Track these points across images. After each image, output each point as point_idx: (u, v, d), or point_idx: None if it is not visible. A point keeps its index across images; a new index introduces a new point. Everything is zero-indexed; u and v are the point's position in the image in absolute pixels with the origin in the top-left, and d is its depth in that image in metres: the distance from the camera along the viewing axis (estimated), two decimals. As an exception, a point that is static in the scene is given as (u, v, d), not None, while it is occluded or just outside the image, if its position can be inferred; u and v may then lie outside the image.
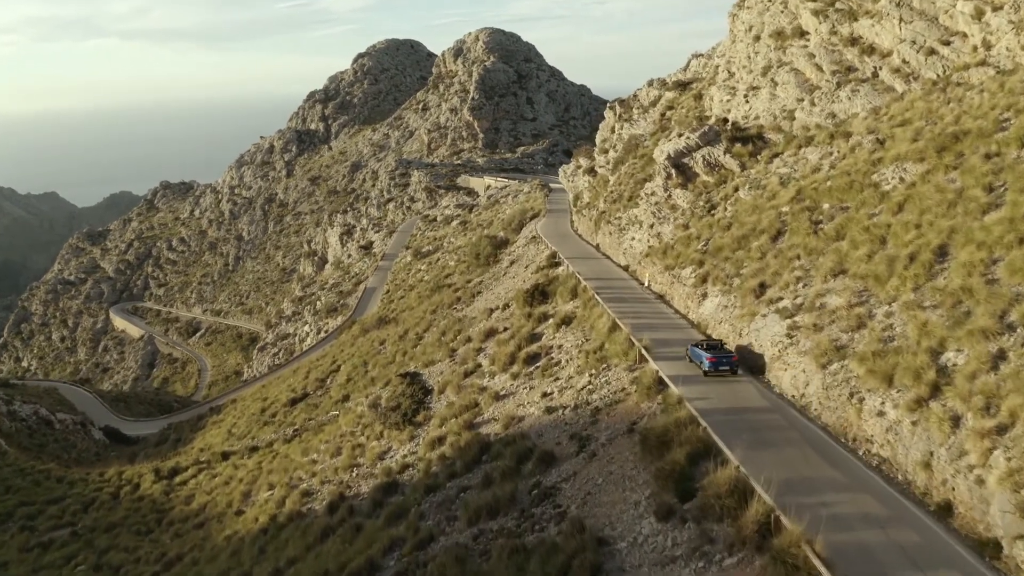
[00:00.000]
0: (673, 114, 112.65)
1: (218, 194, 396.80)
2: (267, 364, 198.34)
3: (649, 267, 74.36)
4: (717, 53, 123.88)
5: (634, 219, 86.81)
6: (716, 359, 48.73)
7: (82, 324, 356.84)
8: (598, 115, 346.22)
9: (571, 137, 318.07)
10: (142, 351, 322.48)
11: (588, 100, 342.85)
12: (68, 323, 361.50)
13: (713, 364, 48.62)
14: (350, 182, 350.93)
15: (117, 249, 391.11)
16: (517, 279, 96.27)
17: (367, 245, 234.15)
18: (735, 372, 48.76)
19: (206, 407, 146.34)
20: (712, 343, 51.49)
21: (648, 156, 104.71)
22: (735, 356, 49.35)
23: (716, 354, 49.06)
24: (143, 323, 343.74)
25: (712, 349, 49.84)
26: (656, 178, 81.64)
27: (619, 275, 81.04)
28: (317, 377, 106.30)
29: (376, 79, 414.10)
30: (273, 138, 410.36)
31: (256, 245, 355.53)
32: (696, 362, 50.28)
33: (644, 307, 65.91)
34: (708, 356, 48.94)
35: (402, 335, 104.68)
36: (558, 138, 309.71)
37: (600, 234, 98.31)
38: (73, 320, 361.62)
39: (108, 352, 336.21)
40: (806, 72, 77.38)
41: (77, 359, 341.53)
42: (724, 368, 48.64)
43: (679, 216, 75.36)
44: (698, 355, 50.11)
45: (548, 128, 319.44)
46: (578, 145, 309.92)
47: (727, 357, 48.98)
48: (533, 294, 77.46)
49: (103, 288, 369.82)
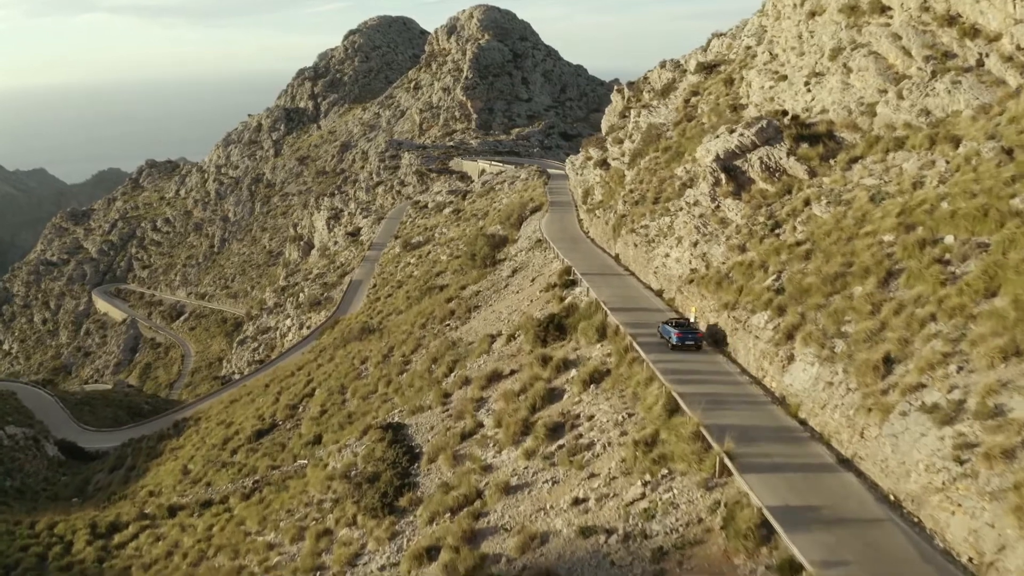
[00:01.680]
0: (699, 101, 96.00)
1: (204, 173, 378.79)
2: (246, 359, 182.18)
3: (695, 298, 57.88)
4: (745, 32, 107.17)
5: (667, 230, 70.25)
6: (682, 334, 51.74)
7: (64, 306, 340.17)
8: (595, 96, 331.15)
9: (567, 119, 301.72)
10: (124, 335, 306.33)
11: (585, 81, 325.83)
12: (50, 305, 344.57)
13: (680, 339, 51.57)
14: (339, 162, 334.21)
15: (101, 229, 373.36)
16: (522, 295, 79.63)
17: (354, 232, 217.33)
18: (699, 348, 51.70)
19: (173, 416, 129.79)
20: (681, 321, 54.77)
21: (674, 150, 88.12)
22: (701, 332, 52.64)
23: (680, 331, 52.00)
24: (126, 306, 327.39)
25: (680, 326, 52.84)
26: (700, 183, 64.82)
27: (653, 303, 64.26)
28: (288, 403, 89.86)
29: (367, 57, 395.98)
30: (261, 116, 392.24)
31: (242, 227, 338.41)
32: (665, 337, 52.96)
33: (702, 363, 49.31)
34: (676, 332, 51.98)
35: (386, 354, 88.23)
36: (554, 120, 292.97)
37: (620, 243, 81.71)
38: (55, 302, 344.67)
39: (90, 336, 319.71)
40: (889, 57, 60.56)
41: (59, 342, 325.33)
42: (690, 343, 51.57)
43: (732, 234, 58.70)
44: (667, 331, 52.92)
45: (544, 109, 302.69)
46: (575, 127, 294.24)
47: (691, 334, 52.03)
48: (547, 327, 60.70)
49: (86, 269, 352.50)
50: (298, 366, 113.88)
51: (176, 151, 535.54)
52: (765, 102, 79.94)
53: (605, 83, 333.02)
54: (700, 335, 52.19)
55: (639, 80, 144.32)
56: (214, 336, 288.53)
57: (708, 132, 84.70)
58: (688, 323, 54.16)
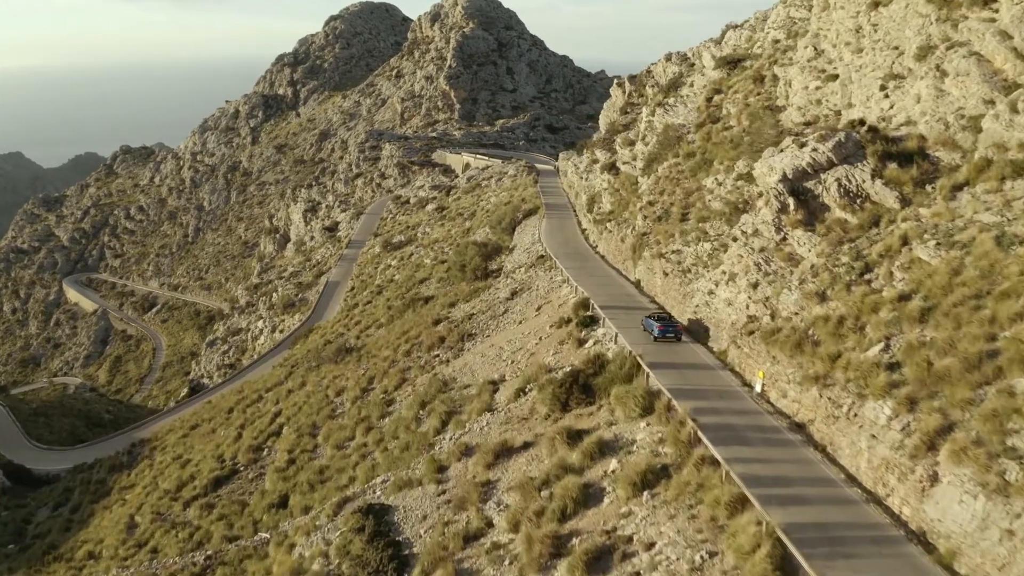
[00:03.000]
0: (724, 100, 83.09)
1: (180, 160, 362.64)
2: (216, 363, 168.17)
3: (761, 358, 44.96)
4: (770, 24, 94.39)
5: (708, 259, 57.33)
6: (663, 328, 53.97)
7: (34, 295, 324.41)
8: (581, 88, 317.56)
9: (552, 111, 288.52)
10: (95, 326, 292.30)
11: (571, 72, 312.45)
12: (20, 294, 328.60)
13: (661, 331, 53.85)
14: (318, 151, 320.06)
15: (73, 216, 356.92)
16: (528, 328, 66.34)
17: (332, 227, 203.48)
18: (679, 339, 53.92)
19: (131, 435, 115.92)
20: (662, 315, 57.61)
21: (700, 157, 75.27)
22: (680, 326, 55.32)
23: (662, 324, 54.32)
24: (97, 296, 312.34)
25: (661, 320, 55.34)
26: (761, 208, 51.62)
27: (701, 357, 50.93)
28: (252, 441, 76.40)
29: (348, 43, 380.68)
30: (239, 103, 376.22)
31: (217, 216, 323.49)
32: (648, 330, 55.09)
33: (792, 464, 36.06)
34: (658, 325, 54.28)
35: (365, 387, 74.93)
36: (540, 112, 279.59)
37: (643, 267, 68.59)
38: (25, 291, 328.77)
39: (60, 326, 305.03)
40: (996, 60, 47.59)
41: (28, 332, 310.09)
42: (670, 335, 53.84)
43: (807, 276, 45.60)
44: (649, 324, 55.16)
45: (528, 100, 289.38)
46: (561, 120, 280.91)
47: (672, 327, 54.42)
48: (570, 388, 47.62)
49: (57, 258, 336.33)
50: (266, 387, 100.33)
51: (155, 136, 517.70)
52: (810, 105, 67.21)
53: (591, 75, 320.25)
54: (680, 328, 55.18)
55: (641, 74, 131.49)
56: (186, 329, 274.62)
57: (743, 139, 72.03)
58: (668, 317, 57.55)
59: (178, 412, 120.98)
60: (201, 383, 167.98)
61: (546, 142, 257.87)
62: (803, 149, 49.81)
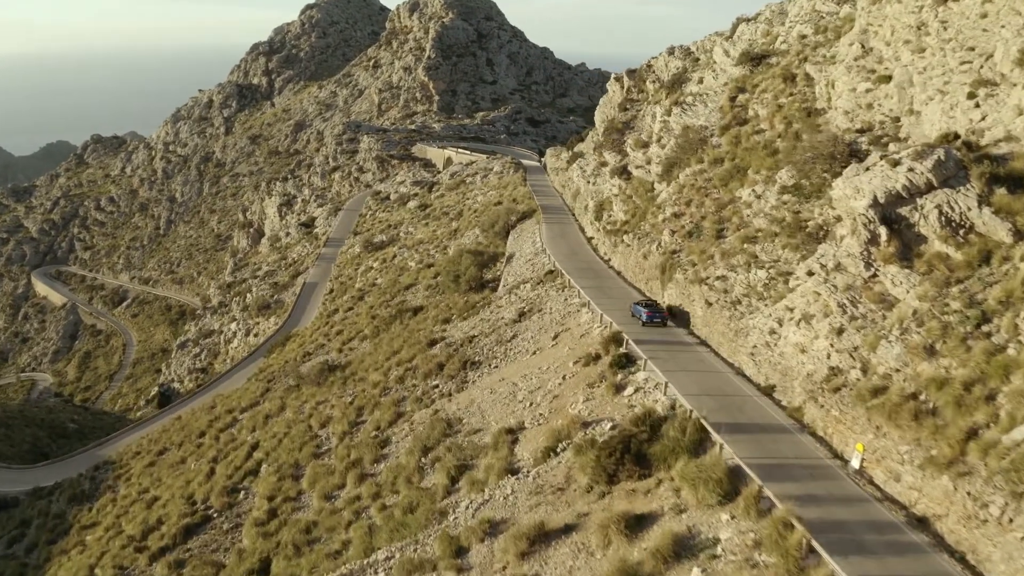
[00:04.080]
0: (750, 100, 74.43)
1: (152, 150, 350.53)
2: (187, 366, 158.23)
3: (858, 425, 36.26)
4: (792, 18, 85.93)
5: (764, 291, 48.57)
6: (650, 314, 57.78)
7: (2, 288, 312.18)
8: (562, 81, 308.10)
9: (533, 103, 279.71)
10: (64, 321, 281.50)
11: (551, 64, 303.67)
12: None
13: (649, 317, 57.59)
14: (293, 142, 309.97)
15: (42, 207, 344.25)
16: (545, 362, 57.12)
17: (308, 223, 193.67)
18: (665, 324, 57.55)
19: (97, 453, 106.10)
20: (649, 302, 60.78)
21: (731, 164, 66.65)
22: (666, 312, 58.63)
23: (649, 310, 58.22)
24: (67, 289, 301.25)
25: (649, 306, 58.97)
26: (846, 237, 42.56)
27: (773, 416, 41.40)
28: (226, 481, 66.93)
29: (324, 32, 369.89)
30: (212, 92, 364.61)
31: (190, 208, 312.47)
32: (636, 316, 58.74)
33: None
34: (646, 311, 58.04)
35: (354, 420, 65.63)
36: (520, 104, 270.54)
37: (674, 290, 59.49)
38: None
39: (28, 320, 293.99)
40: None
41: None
42: (657, 320, 57.46)
43: (909, 324, 36.79)
44: (638, 311, 58.95)
45: (509, 93, 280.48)
46: (542, 113, 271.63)
47: (658, 313, 58.09)
48: (620, 457, 38.89)
49: (25, 250, 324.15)
50: (241, 405, 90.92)
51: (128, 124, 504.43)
52: (859, 109, 58.78)
53: (572, 67, 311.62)
54: (665, 314, 58.44)
55: (641, 68, 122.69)
56: (157, 325, 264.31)
57: (779, 144, 63.51)
58: (655, 304, 60.36)
59: (145, 427, 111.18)
60: (171, 387, 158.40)
61: (527, 135, 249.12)
62: (896, 168, 41.06)
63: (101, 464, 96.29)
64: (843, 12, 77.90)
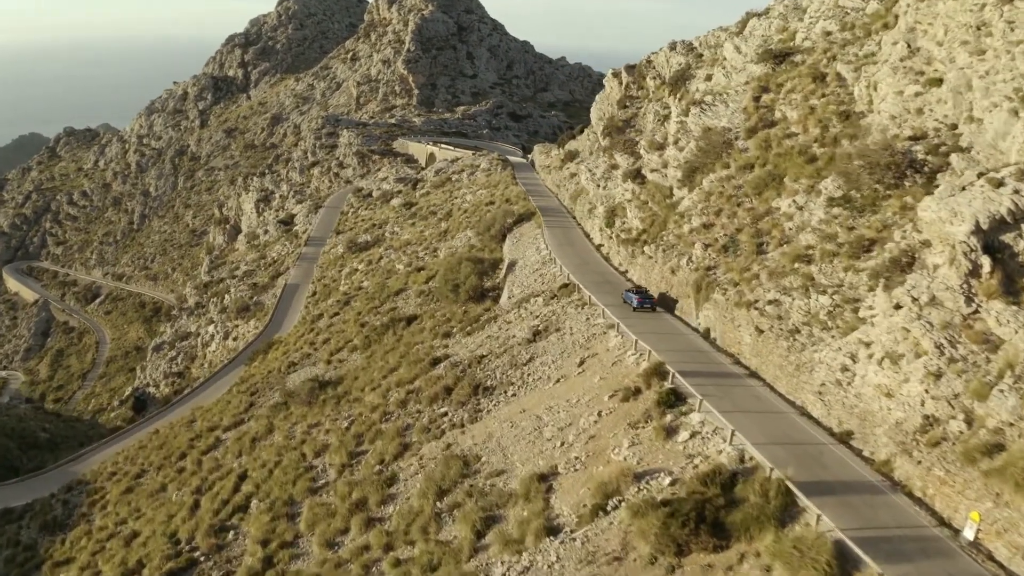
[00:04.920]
0: (776, 100, 67.96)
1: (125, 143, 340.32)
2: (162, 370, 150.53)
3: (972, 490, 30.00)
4: (812, 12, 79.56)
5: (829, 319, 42.11)
6: (641, 300, 60.99)
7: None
8: (543, 75, 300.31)
9: (514, 97, 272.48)
10: (36, 318, 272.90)
11: (532, 58, 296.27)
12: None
13: (639, 303, 60.71)
14: (269, 136, 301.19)
15: (14, 201, 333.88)
16: (572, 391, 49.99)
17: (287, 220, 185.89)
18: (654, 309, 60.85)
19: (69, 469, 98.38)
20: (639, 289, 63.90)
21: (764, 170, 60.24)
22: (655, 299, 61.90)
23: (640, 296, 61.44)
24: (38, 286, 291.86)
25: (639, 293, 62.18)
26: (941, 266, 36.04)
27: (854, 472, 34.67)
28: (212, 517, 59.60)
29: (301, 24, 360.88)
30: (187, 84, 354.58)
31: (164, 202, 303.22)
32: (627, 302, 61.77)
33: None
34: (636, 297, 61.27)
35: (353, 450, 58.69)
36: (502, 99, 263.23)
37: (712, 312, 52.54)
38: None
39: (0, 317, 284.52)
40: None
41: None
42: (647, 306, 60.79)
43: (1020, 371, 31.00)
44: (629, 297, 62.07)
45: (489, 87, 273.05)
46: (524, 108, 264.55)
47: (648, 299, 61.40)
48: (695, 527, 32.43)
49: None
50: (223, 422, 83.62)
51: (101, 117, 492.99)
52: (907, 114, 52.44)
53: (552, 61, 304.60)
54: (654, 300, 61.54)
55: (640, 63, 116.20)
56: (131, 322, 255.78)
57: (815, 150, 57.22)
58: (646, 291, 63.15)
59: (120, 441, 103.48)
60: (146, 392, 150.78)
61: (509, 131, 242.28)
62: (1000, 190, 34.68)
63: (75, 484, 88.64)
64: (870, 8, 71.64)
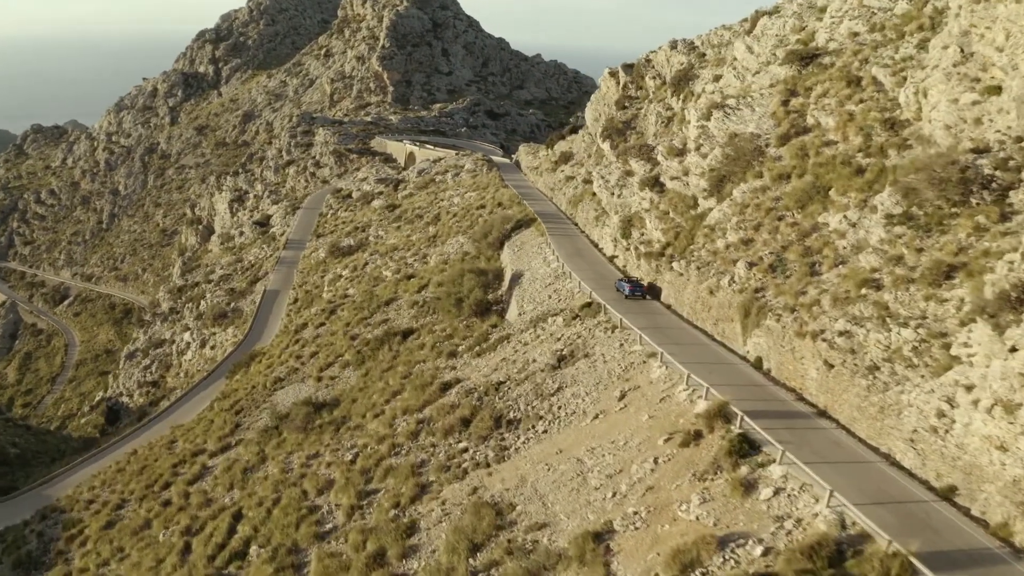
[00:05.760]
0: (808, 106, 62.55)
1: (94, 141, 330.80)
2: (136, 379, 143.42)
3: None
4: (835, 11, 74.27)
5: (914, 355, 36.84)
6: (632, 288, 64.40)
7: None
8: (518, 72, 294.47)
9: (490, 95, 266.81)
10: (3, 320, 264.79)
11: (508, 55, 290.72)
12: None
13: (631, 291, 64.03)
14: (241, 133, 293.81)
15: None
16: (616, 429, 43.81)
17: (264, 221, 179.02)
18: (644, 296, 63.83)
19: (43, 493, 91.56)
20: (631, 279, 67.01)
21: (806, 183, 54.70)
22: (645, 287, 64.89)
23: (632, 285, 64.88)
24: (6, 287, 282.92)
25: (630, 282, 65.54)
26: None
27: (972, 539, 28.78)
28: (206, 567, 53.58)
29: (273, 19, 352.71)
30: (157, 80, 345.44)
31: (134, 201, 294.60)
32: (620, 291, 65.23)
33: None
34: (628, 286, 64.86)
35: (362, 489, 52.37)
36: (479, 96, 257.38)
37: (763, 340, 46.31)
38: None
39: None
40: None
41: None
42: (638, 294, 63.95)
43: None
44: (621, 286, 65.57)
45: (465, 84, 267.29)
46: (501, 106, 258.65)
47: (639, 287, 64.61)
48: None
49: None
50: (209, 446, 77.23)
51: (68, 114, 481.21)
52: (963, 124, 47.11)
53: (528, 58, 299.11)
54: (645, 289, 65.10)
55: (639, 63, 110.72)
56: (101, 324, 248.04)
57: (858, 160, 51.99)
58: (637, 280, 66.58)
59: (96, 461, 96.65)
60: (120, 402, 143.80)
61: (487, 129, 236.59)
62: None
63: (49, 512, 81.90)
64: (899, 8, 66.32)
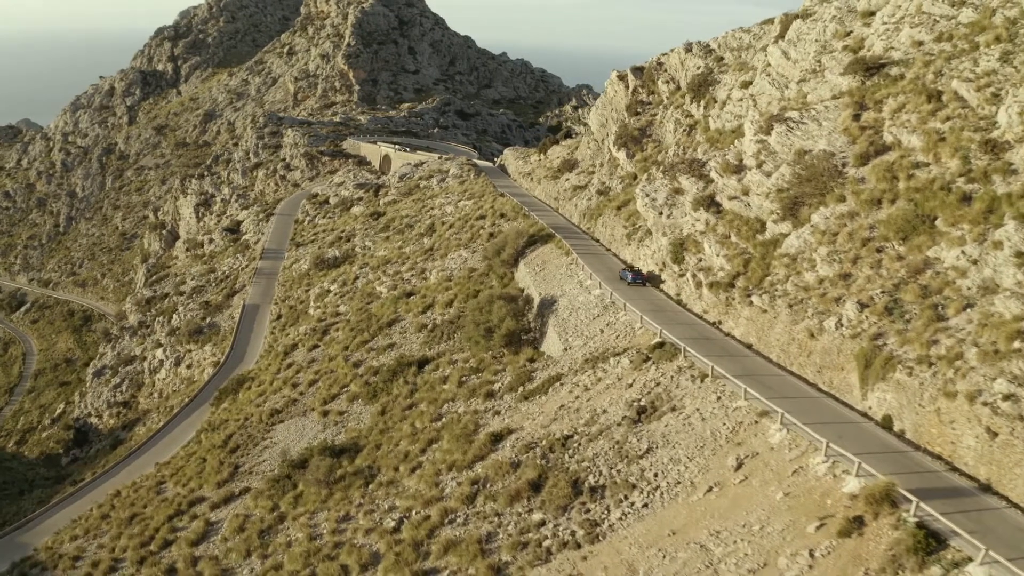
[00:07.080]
0: (883, 122, 55.26)
1: (50, 141, 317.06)
2: (105, 399, 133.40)
3: None
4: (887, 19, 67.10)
5: None
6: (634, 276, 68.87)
7: None
8: (486, 71, 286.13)
9: (458, 94, 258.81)
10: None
11: (475, 54, 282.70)
12: None
13: (633, 279, 68.56)
14: (202, 133, 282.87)
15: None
16: (741, 510, 34.64)
17: (234, 227, 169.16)
18: (644, 284, 68.35)
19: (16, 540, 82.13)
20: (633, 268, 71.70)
21: (906, 210, 47.30)
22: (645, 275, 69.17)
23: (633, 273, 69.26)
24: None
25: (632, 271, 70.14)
26: None
27: None
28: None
29: (233, 16, 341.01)
30: (114, 79, 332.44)
31: (91, 204, 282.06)
32: (623, 279, 69.98)
33: None
34: (631, 274, 69.32)
35: (418, 568, 42.90)
36: (448, 96, 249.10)
37: (891, 394, 39.00)
38: None
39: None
40: None
41: None
42: (639, 282, 68.42)
43: None
44: (625, 274, 70.23)
45: (432, 83, 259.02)
46: (472, 106, 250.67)
47: (640, 275, 69.00)
48: None
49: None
50: (210, 499, 68.09)
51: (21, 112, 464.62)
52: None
53: (495, 56, 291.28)
54: (644, 277, 69.47)
55: (650, 66, 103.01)
56: (60, 332, 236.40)
57: (960, 186, 44.95)
58: (638, 269, 71.29)
59: (75, 501, 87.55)
60: (88, 423, 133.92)
61: (458, 129, 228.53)
62: None
63: (28, 568, 72.56)
64: (964, 17, 59.21)
